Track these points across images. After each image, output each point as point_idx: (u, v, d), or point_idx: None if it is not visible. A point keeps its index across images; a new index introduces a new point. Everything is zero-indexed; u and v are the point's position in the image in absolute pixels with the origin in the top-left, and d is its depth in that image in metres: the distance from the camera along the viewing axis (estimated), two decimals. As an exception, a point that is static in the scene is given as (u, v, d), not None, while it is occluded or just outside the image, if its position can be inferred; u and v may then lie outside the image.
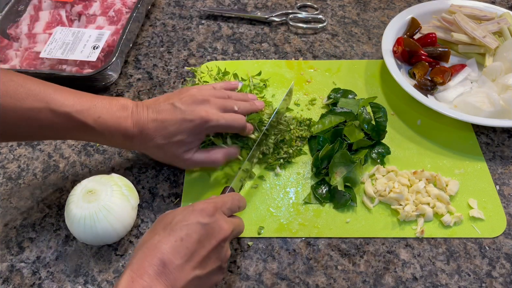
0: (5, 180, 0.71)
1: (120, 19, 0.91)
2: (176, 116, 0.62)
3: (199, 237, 0.51)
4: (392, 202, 0.68)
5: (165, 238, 0.50)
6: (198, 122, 0.62)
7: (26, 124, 0.58)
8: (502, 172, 0.73)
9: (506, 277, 0.62)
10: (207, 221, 0.52)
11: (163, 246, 0.49)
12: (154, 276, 0.47)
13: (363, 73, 0.87)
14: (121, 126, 0.61)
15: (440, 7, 0.91)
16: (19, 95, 0.56)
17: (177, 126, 0.62)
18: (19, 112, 0.56)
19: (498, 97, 0.75)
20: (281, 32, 0.96)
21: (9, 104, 0.56)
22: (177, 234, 0.50)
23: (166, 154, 0.65)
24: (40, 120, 0.57)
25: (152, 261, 0.48)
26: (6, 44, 0.87)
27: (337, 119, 0.75)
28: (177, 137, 0.62)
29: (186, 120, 0.62)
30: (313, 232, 0.65)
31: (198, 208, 0.53)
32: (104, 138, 0.62)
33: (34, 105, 0.57)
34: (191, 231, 0.51)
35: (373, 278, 0.62)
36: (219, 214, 0.54)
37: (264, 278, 0.61)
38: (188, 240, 0.50)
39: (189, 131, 0.62)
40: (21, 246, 0.64)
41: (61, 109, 0.58)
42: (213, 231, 0.52)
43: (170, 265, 0.48)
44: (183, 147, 0.64)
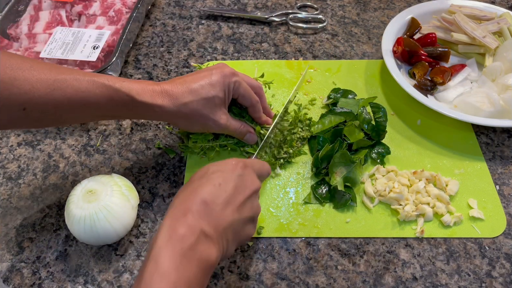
0: (5, 180, 0.71)
1: (120, 19, 0.91)
2: (204, 73, 0.64)
3: (235, 184, 0.52)
4: (392, 202, 0.68)
5: (204, 184, 0.51)
6: (227, 72, 0.64)
7: (52, 95, 0.57)
8: (502, 172, 0.73)
9: (506, 277, 0.62)
10: (240, 172, 0.54)
11: (204, 189, 0.51)
12: (198, 214, 0.48)
13: (363, 73, 0.87)
14: (147, 87, 0.61)
15: (440, 7, 0.91)
16: (43, 69, 0.57)
17: (207, 79, 0.63)
18: (45, 83, 0.56)
19: (498, 97, 0.75)
20: (281, 32, 0.96)
21: (35, 76, 0.56)
22: (215, 181, 0.52)
23: (197, 113, 0.64)
24: (66, 89, 0.57)
25: (195, 200, 0.49)
26: (6, 44, 0.87)
27: (337, 119, 0.75)
28: (209, 91, 0.63)
29: (214, 73, 0.64)
30: (313, 232, 0.65)
31: (231, 161, 0.55)
32: (132, 102, 0.60)
33: (59, 76, 0.57)
34: (227, 178, 0.52)
35: (373, 278, 0.62)
36: (250, 170, 0.56)
37: (264, 278, 0.61)
38: (226, 186, 0.52)
39: (219, 83, 0.63)
40: (21, 246, 0.64)
41: (85, 77, 0.59)
42: (247, 181, 0.54)
43: (212, 205, 0.50)
44: (215, 102, 0.64)
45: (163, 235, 0.46)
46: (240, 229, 0.53)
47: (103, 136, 0.77)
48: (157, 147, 0.75)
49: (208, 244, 0.48)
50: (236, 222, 0.52)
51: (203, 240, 0.47)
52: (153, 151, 0.75)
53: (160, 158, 0.74)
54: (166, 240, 0.46)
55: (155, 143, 0.76)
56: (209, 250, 0.48)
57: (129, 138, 0.77)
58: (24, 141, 0.76)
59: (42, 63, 0.59)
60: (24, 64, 0.56)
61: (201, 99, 0.63)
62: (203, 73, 0.64)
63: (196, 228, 0.47)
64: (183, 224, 0.47)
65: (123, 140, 0.77)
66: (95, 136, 0.77)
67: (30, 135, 0.77)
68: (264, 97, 0.72)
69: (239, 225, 0.52)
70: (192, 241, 0.46)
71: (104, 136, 0.77)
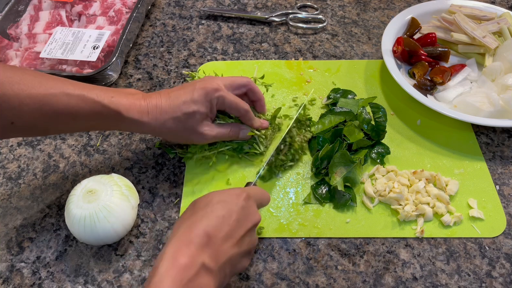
0: (5, 180, 0.71)
1: (120, 19, 0.91)
2: (187, 88, 0.65)
3: (237, 217, 0.52)
4: (392, 202, 0.68)
5: (208, 214, 0.51)
6: (209, 89, 0.64)
7: (42, 111, 0.57)
8: (502, 172, 0.73)
9: (506, 277, 0.62)
10: (243, 204, 0.54)
11: (207, 220, 0.51)
12: (200, 246, 0.49)
13: (362, 73, 0.87)
14: (135, 103, 0.62)
15: (440, 7, 0.91)
16: (33, 84, 0.57)
17: (189, 95, 0.64)
18: (34, 98, 0.57)
19: (497, 97, 0.75)
20: (281, 32, 0.96)
21: (24, 91, 0.56)
22: (219, 212, 0.52)
23: (181, 128, 0.65)
24: (55, 105, 0.58)
25: (198, 232, 0.49)
26: (6, 44, 0.87)
27: (337, 119, 0.75)
28: (191, 106, 0.64)
29: (197, 89, 0.64)
30: (313, 232, 0.65)
31: (235, 192, 0.55)
32: (120, 117, 0.61)
33: (49, 91, 0.58)
34: (231, 211, 0.52)
35: (373, 278, 0.62)
36: (252, 201, 0.56)
37: (264, 278, 0.61)
38: (229, 218, 0.52)
39: (201, 99, 0.64)
40: (21, 246, 0.64)
41: (75, 92, 0.59)
42: (249, 215, 0.54)
43: (214, 238, 0.50)
44: (197, 118, 0.65)
45: (165, 263, 0.47)
46: (236, 262, 0.53)
47: (103, 136, 0.77)
48: (157, 147, 0.75)
49: (208, 278, 0.48)
50: (235, 256, 0.52)
51: (203, 273, 0.48)
52: (153, 151, 0.75)
53: (160, 158, 0.74)
54: (168, 269, 0.46)
55: (155, 143, 0.76)
56: (208, 283, 0.48)
57: (129, 138, 0.77)
58: (24, 141, 0.77)
59: (32, 74, 0.59)
60: (13, 78, 0.56)
61: (182, 115, 0.64)
62: (187, 89, 0.65)
63: (197, 260, 0.48)
64: (185, 255, 0.47)
65: (123, 140, 0.77)
66: (95, 136, 0.77)
67: (30, 135, 0.77)
68: (255, 90, 0.71)
69: (237, 258, 0.53)
70: (193, 273, 0.47)
71: (104, 136, 0.77)
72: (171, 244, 0.49)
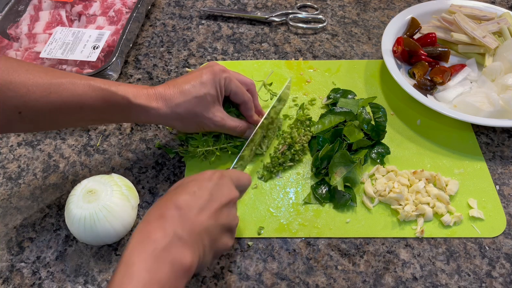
0: (5, 180, 0.71)
1: (120, 19, 0.91)
2: (194, 73, 0.65)
3: (211, 192, 0.52)
4: (392, 202, 0.68)
5: (179, 192, 0.51)
6: (217, 69, 0.65)
7: (49, 99, 0.57)
8: (502, 172, 0.73)
9: (506, 277, 0.62)
10: (216, 181, 0.53)
11: (178, 197, 0.50)
12: (171, 219, 0.48)
13: (362, 73, 0.87)
14: (142, 91, 0.63)
15: (440, 7, 0.91)
16: (40, 73, 0.58)
17: (198, 79, 0.64)
18: (41, 86, 0.57)
19: (497, 97, 0.75)
20: (281, 32, 0.96)
21: (31, 79, 0.56)
22: (190, 189, 0.52)
23: (192, 112, 0.65)
24: (62, 93, 0.58)
25: (169, 206, 0.49)
26: (6, 44, 0.87)
27: (337, 119, 0.75)
28: (200, 89, 0.64)
29: (204, 72, 0.65)
30: (313, 232, 0.65)
31: (208, 172, 0.55)
32: (128, 104, 0.61)
33: (56, 80, 0.58)
34: (203, 186, 0.52)
35: (373, 278, 0.62)
36: (228, 179, 0.55)
37: (264, 278, 0.61)
38: (200, 192, 0.51)
39: (210, 80, 0.64)
40: (21, 246, 0.64)
41: (82, 81, 0.59)
42: (223, 189, 0.53)
43: (186, 210, 0.49)
44: (208, 100, 0.65)
45: (135, 239, 0.46)
46: (217, 236, 0.52)
47: (103, 136, 0.77)
48: (157, 147, 0.75)
49: (182, 247, 0.47)
50: (212, 227, 0.51)
51: (176, 243, 0.47)
52: (153, 151, 0.75)
53: (160, 158, 0.74)
54: (138, 243, 0.46)
55: (155, 143, 0.76)
56: (183, 253, 0.47)
57: (129, 138, 0.77)
58: (24, 141, 0.77)
59: (38, 66, 0.60)
60: (20, 67, 0.57)
61: (192, 98, 0.63)
62: (194, 74, 0.65)
63: (169, 231, 0.47)
64: (156, 228, 0.47)
65: (123, 140, 0.77)
66: (95, 136, 0.77)
67: (30, 135, 0.77)
68: (256, 95, 0.72)
69: (215, 231, 0.52)
70: (165, 243, 0.46)
71: (104, 136, 0.77)
72: (142, 222, 0.48)
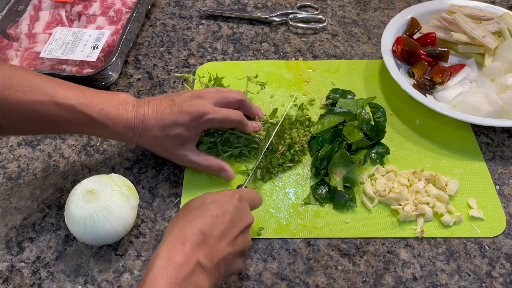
0: (5, 180, 0.71)
1: (120, 19, 0.91)
2: (174, 109, 0.63)
3: (231, 217, 0.53)
4: (391, 202, 0.68)
5: (202, 214, 0.52)
6: (196, 114, 0.63)
7: (31, 117, 0.59)
8: (502, 172, 0.73)
9: (506, 277, 0.62)
10: (237, 205, 0.54)
11: (202, 219, 0.51)
12: (195, 244, 0.49)
13: (362, 73, 0.87)
14: (123, 117, 0.62)
15: (440, 7, 0.91)
16: (24, 88, 0.58)
17: (174, 118, 0.63)
18: (24, 105, 0.57)
19: (497, 97, 0.75)
20: (281, 32, 0.96)
21: (14, 96, 0.57)
22: (213, 212, 0.52)
23: (163, 148, 0.66)
24: (44, 112, 0.59)
25: (193, 230, 0.50)
26: (6, 44, 0.87)
27: (336, 119, 0.75)
28: (174, 129, 0.63)
29: (184, 112, 0.63)
30: (313, 233, 0.65)
31: (228, 194, 0.55)
32: (106, 130, 0.62)
33: (39, 98, 0.58)
34: (225, 211, 0.53)
35: (373, 278, 0.62)
36: (245, 202, 0.56)
37: (264, 278, 0.61)
38: (223, 218, 0.52)
39: (186, 124, 0.63)
40: (21, 246, 0.65)
41: (65, 102, 0.59)
42: (242, 215, 0.54)
43: (208, 237, 0.50)
44: (179, 141, 0.65)
45: (160, 261, 0.47)
46: (231, 262, 0.53)
47: (103, 136, 0.77)
48: (157, 147, 0.75)
49: (203, 276, 0.48)
50: (230, 255, 0.52)
51: (198, 272, 0.48)
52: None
53: (160, 158, 0.74)
54: (164, 267, 0.46)
55: (155, 143, 0.76)
56: (203, 282, 0.48)
57: (129, 138, 0.77)
58: (24, 141, 0.77)
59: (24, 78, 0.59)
60: (5, 82, 0.57)
61: (165, 136, 0.64)
62: (174, 109, 0.63)
63: (193, 258, 0.48)
64: (180, 253, 0.48)
65: (123, 140, 0.77)
66: (95, 136, 0.77)
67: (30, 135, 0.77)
68: (249, 107, 0.70)
69: (231, 258, 0.53)
70: (188, 271, 0.47)
71: (104, 136, 0.77)
72: (165, 243, 0.49)
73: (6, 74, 0.58)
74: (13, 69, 0.60)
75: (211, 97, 0.65)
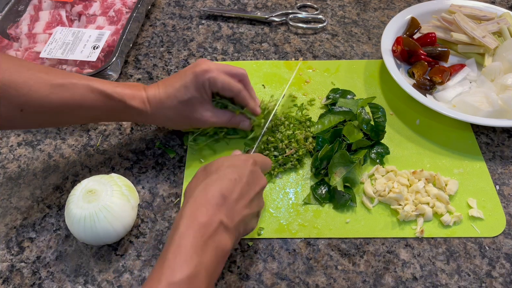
0: (5, 180, 0.71)
1: (120, 19, 0.91)
2: (180, 75, 0.67)
3: (247, 180, 0.55)
4: (391, 202, 0.68)
5: (221, 177, 0.54)
6: (199, 71, 0.65)
7: (48, 98, 0.60)
8: (502, 172, 0.73)
9: (506, 277, 0.62)
10: (252, 169, 0.57)
11: (221, 183, 0.53)
12: (217, 206, 0.51)
13: (362, 73, 0.87)
14: (137, 94, 0.66)
15: (440, 7, 0.92)
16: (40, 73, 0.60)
17: (182, 82, 0.66)
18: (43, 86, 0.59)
19: (496, 97, 0.75)
20: (281, 32, 0.96)
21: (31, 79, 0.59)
22: (231, 176, 0.54)
23: (181, 116, 0.68)
24: (61, 93, 0.61)
25: (214, 193, 0.52)
26: (6, 44, 0.87)
27: (337, 118, 0.75)
28: (184, 93, 0.65)
29: (187, 73, 0.66)
30: (313, 233, 0.65)
31: (243, 158, 0.58)
32: (124, 106, 0.64)
33: (57, 80, 0.60)
34: (242, 174, 0.55)
35: (373, 278, 0.62)
36: (258, 166, 0.59)
37: (264, 278, 0.61)
38: (240, 181, 0.54)
39: (193, 83, 0.65)
40: (21, 246, 0.65)
41: (81, 82, 0.62)
42: (257, 178, 0.57)
43: (229, 199, 0.53)
44: (193, 103, 0.67)
45: (185, 222, 0.49)
46: (248, 222, 0.56)
47: (103, 136, 0.77)
48: (157, 147, 0.75)
49: (226, 235, 0.51)
50: (247, 216, 0.55)
51: (222, 231, 0.51)
52: (153, 151, 0.75)
53: (160, 158, 0.74)
54: (189, 227, 0.49)
55: (155, 143, 0.76)
56: (226, 240, 0.51)
57: (129, 138, 0.77)
58: (24, 141, 0.77)
59: (39, 65, 0.62)
60: (22, 67, 0.59)
61: (178, 103, 0.66)
62: (179, 75, 0.67)
63: (216, 219, 0.50)
64: (204, 214, 0.50)
65: (123, 140, 0.77)
66: (95, 136, 0.77)
67: (30, 135, 0.77)
68: (249, 84, 0.71)
69: (248, 218, 0.56)
70: (212, 230, 0.49)
71: (104, 136, 0.77)
72: (189, 205, 0.51)
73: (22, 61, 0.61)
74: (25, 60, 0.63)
75: (215, 63, 0.68)
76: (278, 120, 0.76)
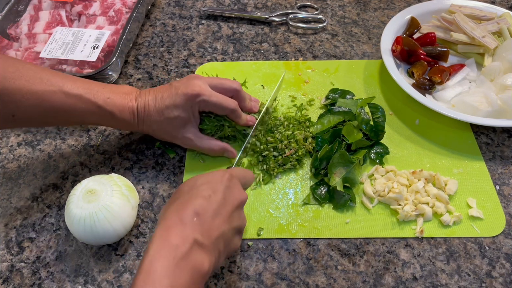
0: (5, 180, 0.72)
1: (120, 19, 0.91)
2: (171, 92, 0.66)
3: (223, 196, 0.53)
4: (391, 202, 0.68)
5: (194, 196, 0.52)
6: (190, 94, 0.65)
7: (41, 106, 0.61)
8: (502, 172, 0.73)
9: (506, 277, 0.62)
10: (227, 184, 0.55)
11: (195, 201, 0.51)
12: (190, 224, 0.49)
13: (361, 73, 0.87)
14: (128, 105, 0.66)
15: (440, 7, 0.92)
16: (34, 79, 0.61)
17: (172, 101, 0.65)
18: (35, 94, 0.60)
19: (496, 97, 0.75)
20: (281, 32, 0.96)
21: (25, 86, 0.60)
22: (205, 193, 0.52)
23: (166, 132, 0.68)
24: (53, 102, 0.61)
25: (187, 212, 0.50)
26: (6, 44, 0.87)
27: (336, 118, 0.75)
28: (172, 111, 0.65)
29: (179, 93, 0.65)
30: (313, 233, 0.66)
31: (218, 174, 0.56)
32: (113, 117, 0.65)
33: (48, 88, 0.61)
34: (216, 190, 0.53)
35: (373, 278, 0.62)
36: (236, 180, 0.57)
37: (264, 278, 0.62)
38: (215, 197, 0.52)
39: (182, 105, 0.65)
40: (21, 246, 0.65)
41: (72, 91, 0.63)
42: (234, 193, 0.55)
43: (203, 216, 0.50)
44: (180, 124, 0.67)
45: (156, 245, 0.47)
46: (230, 239, 0.54)
47: (103, 136, 0.77)
48: (157, 147, 0.75)
49: (201, 254, 0.48)
50: (226, 231, 0.52)
51: (196, 249, 0.48)
52: (153, 151, 0.75)
53: (160, 158, 0.74)
54: (160, 249, 0.46)
55: (155, 143, 0.76)
56: (202, 259, 0.48)
57: (129, 138, 0.77)
58: (24, 141, 0.77)
59: (33, 70, 0.62)
60: (16, 73, 0.60)
61: (165, 119, 0.66)
62: (171, 92, 0.66)
63: (189, 238, 0.48)
64: (176, 234, 0.48)
65: (123, 140, 0.77)
66: (95, 136, 0.77)
67: (30, 135, 0.77)
68: (243, 98, 0.71)
69: (228, 235, 0.53)
70: (185, 250, 0.47)
71: (104, 136, 0.77)
72: (160, 227, 0.49)
73: (16, 66, 0.60)
74: (21, 62, 0.63)
75: (207, 80, 0.68)
76: (278, 120, 0.76)
